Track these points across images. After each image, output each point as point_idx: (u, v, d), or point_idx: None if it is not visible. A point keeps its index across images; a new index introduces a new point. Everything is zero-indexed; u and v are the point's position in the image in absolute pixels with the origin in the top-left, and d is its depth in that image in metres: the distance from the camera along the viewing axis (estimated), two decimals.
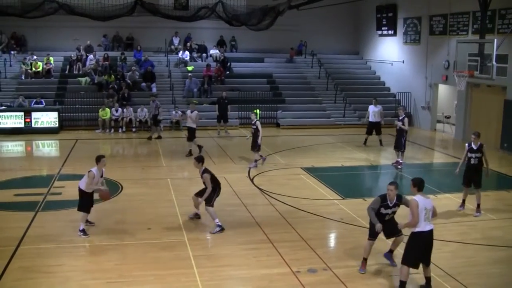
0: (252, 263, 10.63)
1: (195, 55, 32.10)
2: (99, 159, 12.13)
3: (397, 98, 30.07)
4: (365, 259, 10.31)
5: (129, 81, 28.24)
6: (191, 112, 20.30)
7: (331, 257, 11.00)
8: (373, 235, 10.26)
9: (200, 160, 12.56)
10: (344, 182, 17.48)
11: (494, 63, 21.31)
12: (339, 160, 20.09)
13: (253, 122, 18.71)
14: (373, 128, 22.84)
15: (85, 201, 12.04)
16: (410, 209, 9.19)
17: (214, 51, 32.31)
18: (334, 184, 16.59)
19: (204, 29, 32.37)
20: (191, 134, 20.18)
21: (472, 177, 13.90)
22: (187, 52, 31.66)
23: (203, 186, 12.52)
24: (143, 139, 23.54)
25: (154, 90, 28.43)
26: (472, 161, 13.89)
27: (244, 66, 32.19)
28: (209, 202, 12.34)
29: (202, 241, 11.93)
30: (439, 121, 28.29)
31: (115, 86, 27.55)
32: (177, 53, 31.84)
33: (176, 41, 32.50)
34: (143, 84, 28.65)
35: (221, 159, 19.87)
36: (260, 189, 15.93)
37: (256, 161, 18.60)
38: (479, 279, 10.05)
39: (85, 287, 9.45)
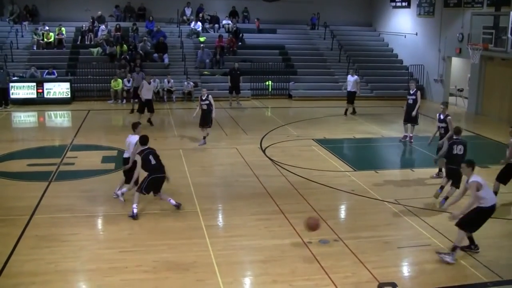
0: (264, 233, 10.71)
1: (207, 26, 31.88)
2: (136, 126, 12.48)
3: (409, 70, 29.87)
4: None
5: (141, 51, 28.17)
6: (149, 83, 20.10)
7: (342, 228, 11.05)
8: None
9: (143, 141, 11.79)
10: (356, 154, 17.50)
11: (509, 36, 21.11)
12: (351, 132, 20.05)
13: (204, 98, 17.35)
14: (349, 97, 23.25)
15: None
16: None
17: (226, 22, 32.08)
18: (346, 156, 16.63)
19: (216, 0, 32.12)
20: (152, 106, 20.21)
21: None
22: (199, 23, 31.43)
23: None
24: (157, 109, 23.48)
25: (166, 61, 28.39)
26: (439, 130, 14.39)
27: (256, 37, 31.95)
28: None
29: (214, 211, 12.03)
30: (451, 94, 28.04)
31: (127, 56, 27.50)
32: (189, 24, 31.64)
33: (188, 11, 32.27)
34: (155, 55, 28.58)
35: (233, 130, 19.91)
36: (272, 160, 15.97)
37: (204, 138, 17.70)
38: (490, 252, 10.07)
39: (99, 256, 9.57)
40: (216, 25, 32.04)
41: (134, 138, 12.08)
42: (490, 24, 22.76)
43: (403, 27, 30.89)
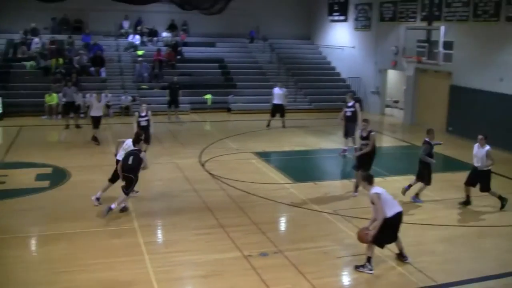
0: (204, 248, 10.58)
1: (145, 39, 31.55)
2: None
3: (347, 83, 30.42)
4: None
5: (77, 65, 27.58)
6: (99, 101, 19.87)
7: (282, 241, 11.06)
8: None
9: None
10: (295, 166, 17.59)
11: (441, 49, 21.88)
12: (290, 145, 20.19)
13: (143, 114, 16.95)
14: (277, 110, 23.28)
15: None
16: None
17: (167, 34, 31.83)
18: (285, 168, 16.68)
19: (155, 13, 31.80)
20: (99, 122, 19.90)
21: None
22: (137, 36, 31.07)
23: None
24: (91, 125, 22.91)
25: (103, 75, 27.90)
26: (361, 147, 14.16)
27: (195, 50, 31.82)
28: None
29: (152, 227, 11.80)
30: (387, 106, 28.75)
31: (62, 70, 26.82)
32: (127, 37, 31.22)
33: (126, 24, 31.83)
34: (92, 68, 28.01)
35: (172, 145, 19.69)
36: (211, 174, 15.85)
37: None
38: (425, 257, 10.35)
39: (31, 279, 9.18)
40: (155, 39, 31.76)
41: (129, 142, 12.74)
42: (423, 37, 23.57)
43: (341, 40, 31.47)
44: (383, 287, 9.27)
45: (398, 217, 9.63)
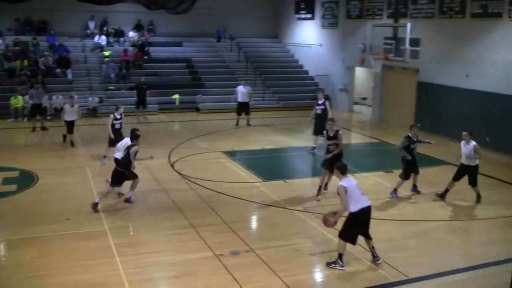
0: (175, 248, 10.56)
1: (111, 39, 31.24)
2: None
3: (315, 81, 30.59)
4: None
5: (42, 67, 27.17)
6: (72, 106, 19.53)
7: (253, 239, 11.11)
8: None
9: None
10: (265, 164, 17.63)
11: (407, 46, 22.12)
12: (259, 143, 20.22)
13: (119, 116, 16.93)
14: (242, 108, 23.42)
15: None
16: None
17: (133, 34, 31.55)
18: (255, 167, 16.71)
19: (121, 13, 31.51)
20: (72, 127, 19.52)
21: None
22: (103, 37, 30.74)
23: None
24: (60, 127, 22.55)
25: (69, 76, 27.54)
26: (328, 148, 13.92)
27: (162, 50, 31.63)
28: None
29: (123, 229, 11.70)
30: (356, 103, 29.00)
31: (27, 72, 26.39)
32: (92, 38, 30.87)
33: (91, 25, 31.47)
34: (58, 70, 27.62)
35: (140, 146, 19.47)
36: (180, 174, 15.81)
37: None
38: (396, 253, 10.46)
39: (6, 283, 9.06)
40: (121, 39, 31.46)
41: (126, 140, 13.51)
42: (390, 35, 23.82)
43: (308, 38, 31.62)
44: (355, 283, 9.33)
45: (364, 212, 9.65)
